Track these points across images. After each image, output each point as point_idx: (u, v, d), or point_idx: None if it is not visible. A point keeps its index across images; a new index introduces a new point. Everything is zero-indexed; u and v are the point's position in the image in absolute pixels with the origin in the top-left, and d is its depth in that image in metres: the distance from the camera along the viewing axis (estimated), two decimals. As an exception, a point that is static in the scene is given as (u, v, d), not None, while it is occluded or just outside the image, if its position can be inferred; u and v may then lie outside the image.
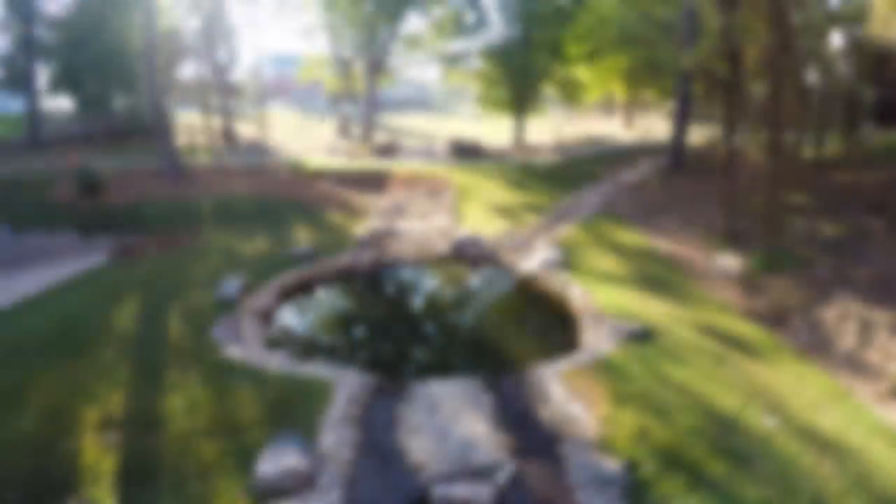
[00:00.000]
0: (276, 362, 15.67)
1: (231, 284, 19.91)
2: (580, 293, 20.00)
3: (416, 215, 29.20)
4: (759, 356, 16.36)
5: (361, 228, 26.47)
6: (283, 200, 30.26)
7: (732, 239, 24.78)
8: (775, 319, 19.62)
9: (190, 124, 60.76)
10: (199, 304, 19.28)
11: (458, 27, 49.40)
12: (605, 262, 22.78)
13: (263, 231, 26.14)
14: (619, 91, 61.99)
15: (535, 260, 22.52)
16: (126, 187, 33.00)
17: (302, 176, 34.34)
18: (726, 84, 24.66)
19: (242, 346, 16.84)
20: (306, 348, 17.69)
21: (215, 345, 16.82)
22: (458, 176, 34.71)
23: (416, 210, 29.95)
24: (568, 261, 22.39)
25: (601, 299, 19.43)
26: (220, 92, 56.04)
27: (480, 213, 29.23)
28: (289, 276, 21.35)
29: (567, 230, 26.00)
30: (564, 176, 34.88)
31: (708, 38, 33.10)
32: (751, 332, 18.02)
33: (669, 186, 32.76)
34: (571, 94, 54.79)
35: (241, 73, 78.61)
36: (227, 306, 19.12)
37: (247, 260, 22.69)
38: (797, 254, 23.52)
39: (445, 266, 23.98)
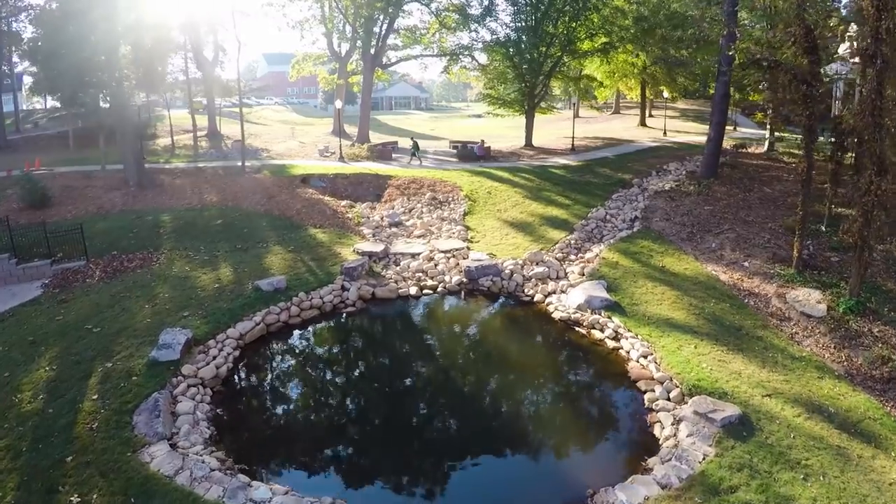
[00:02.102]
0: (216, 479, 10.21)
1: (173, 338, 14.38)
2: (642, 350, 14.57)
3: (417, 231, 23.67)
4: (885, 445, 11.57)
5: (350, 250, 20.91)
6: (259, 213, 24.79)
7: (806, 268, 19.50)
8: (884, 382, 14.45)
9: (175, 124, 55.09)
10: (129, 367, 13.80)
11: (462, 18, 43.81)
12: (660, 298, 17.38)
13: (230, 253, 20.62)
14: (632, 89, 56.52)
15: (574, 297, 17.06)
16: (81, 197, 27.44)
17: (285, 181, 28.77)
18: (803, 78, 19.13)
19: (175, 444, 11.37)
20: (266, 440, 12.10)
21: (137, 442, 11.33)
22: (466, 182, 29.22)
23: (417, 224, 24.41)
24: (615, 299, 16.96)
25: (671, 361, 14.03)
26: (206, 89, 50.22)
27: (495, 228, 23.73)
28: (252, 323, 15.82)
29: (603, 253, 20.55)
30: (586, 182, 29.45)
31: (763, 23, 27.53)
32: (863, 405, 13.11)
33: (709, 196, 27.33)
34: (584, 92, 49.24)
35: (230, 69, 72.40)
36: (163, 371, 13.67)
37: (203, 295, 17.19)
38: (886, 288, 18.30)
39: (456, 303, 18.44)
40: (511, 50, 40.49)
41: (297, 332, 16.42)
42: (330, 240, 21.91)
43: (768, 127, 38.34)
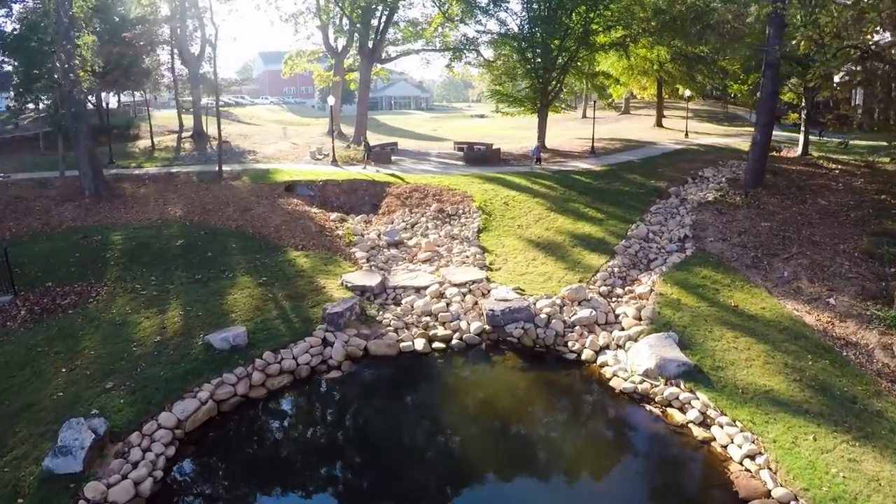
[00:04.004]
0: None
1: (76, 436, 9.53)
2: (747, 447, 9.89)
3: (422, 253, 18.90)
4: None
5: (338, 283, 16.05)
6: (230, 230, 19.95)
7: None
8: None
9: (162, 124, 50.32)
10: (17, 479, 9.10)
11: (467, 7, 38.98)
12: (747, 357, 12.71)
13: (185, 287, 15.79)
14: (646, 88, 51.71)
15: (637, 357, 12.36)
16: (28, 211, 22.64)
17: (266, 190, 23.86)
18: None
19: None
20: None
21: None
22: (477, 190, 24.43)
23: (422, 244, 19.57)
24: (694, 362, 12.19)
25: (791, 467, 9.43)
26: (192, 86, 45.32)
27: (518, 250, 18.92)
28: (195, 401, 10.99)
29: (658, 285, 15.81)
30: (617, 191, 24.72)
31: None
32: None
33: (761, 210, 22.66)
34: (601, 90, 44.43)
35: (217, 66, 66.84)
36: (60, 491, 8.94)
37: (137, 354, 12.45)
38: None
39: (478, 363, 13.60)
40: (523, 43, 35.63)
41: (259, 412, 11.57)
42: (313, 267, 17.06)
43: (802, 129, 33.79)
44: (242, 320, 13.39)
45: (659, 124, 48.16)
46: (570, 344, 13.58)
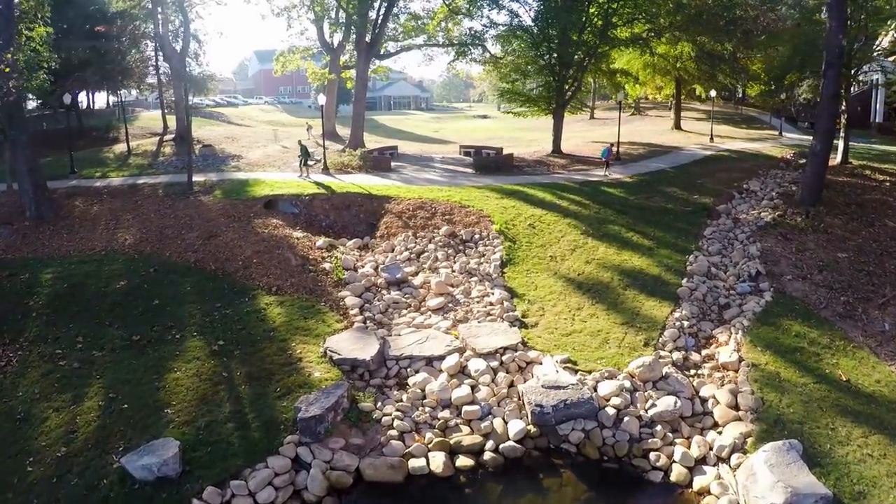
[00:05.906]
0: None
1: None
2: None
3: (432, 298, 14.70)
4: None
5: (319, 352, 11.78)
6: (187, 265, 15.47)
7: None
8: None
9: (147, 125, 46.09)
10: None
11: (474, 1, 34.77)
12: (887, 471, 8.86)
13: (116, 354, 11.58)
14: (662, 89, 47.53)
15: (757, 487, 8.08)
16: (-48, 235, 18.36)
17: (241, 208, 19.30)
18: None
19: None
20: None
21: None
22: (495, 207, 20.14)
23: (432, 283, 15.27)
24: (833, 490, 8.11)
25: None
26: (175, 85, 40.99)
27: (555, 294, 14.62)
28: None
29: (744, 350, 11.71)
30: (660, 209, 20.43)
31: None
32: None
33: (830, 235, 18.60)
34: (619, 88, 40.10)
35: (204, 63, 61.60)
36: None
37: (33, 478, 8.34)
38: None
39: (522, 491, 9.03)
40: (538, 37, 31.44)
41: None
42: (288, 322, 12.80)
43: (842, 135, 29.63)
44: (179, 423, 9.19)
45: (678, 127, 44.01)
46: (651, 456, 9.35)
